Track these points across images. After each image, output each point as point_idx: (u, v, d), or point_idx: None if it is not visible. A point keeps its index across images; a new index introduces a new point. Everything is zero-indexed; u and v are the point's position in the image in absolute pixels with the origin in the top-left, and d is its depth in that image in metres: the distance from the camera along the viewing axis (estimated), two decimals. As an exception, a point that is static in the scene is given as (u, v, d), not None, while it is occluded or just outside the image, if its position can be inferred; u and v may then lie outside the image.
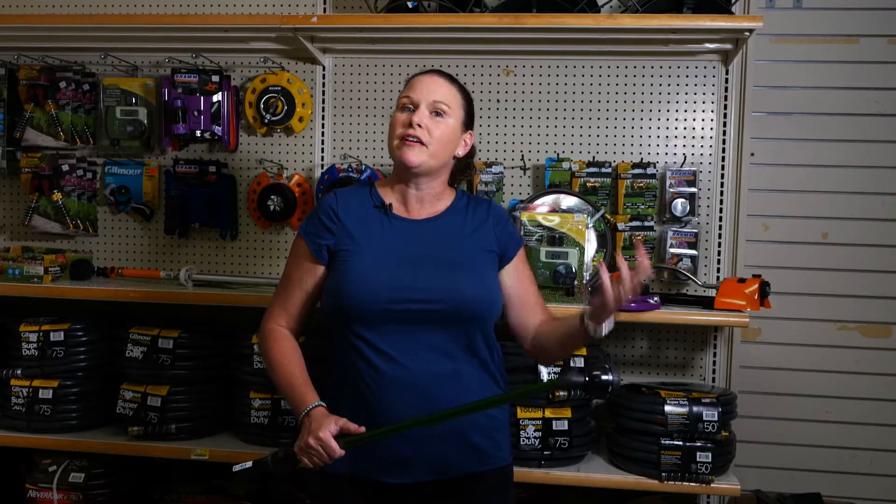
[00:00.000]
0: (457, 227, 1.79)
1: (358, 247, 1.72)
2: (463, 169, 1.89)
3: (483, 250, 1.79)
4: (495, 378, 1.79)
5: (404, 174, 1.77)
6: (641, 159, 2.70)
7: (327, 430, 1.60)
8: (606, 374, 1.51)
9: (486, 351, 1.77)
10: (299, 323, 1.82)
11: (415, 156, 1.72)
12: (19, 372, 2.58)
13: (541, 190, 2.67)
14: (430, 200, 1.80)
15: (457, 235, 1.78)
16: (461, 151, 1.83)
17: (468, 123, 1.84)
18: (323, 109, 2.84)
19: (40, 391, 2.55)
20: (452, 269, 1.73)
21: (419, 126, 1.72)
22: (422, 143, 1.72)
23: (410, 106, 1.75)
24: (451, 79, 1.81)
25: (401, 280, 1.68)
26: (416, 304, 1.68)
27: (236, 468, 1.72)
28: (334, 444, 1.60)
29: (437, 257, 1.73)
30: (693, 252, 2.61)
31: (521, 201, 2.62)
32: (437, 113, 1.74)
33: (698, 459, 2.29)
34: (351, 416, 1.65)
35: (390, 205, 1.78)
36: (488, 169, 2.67)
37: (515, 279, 1.84)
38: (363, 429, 1.62)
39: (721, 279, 2.59)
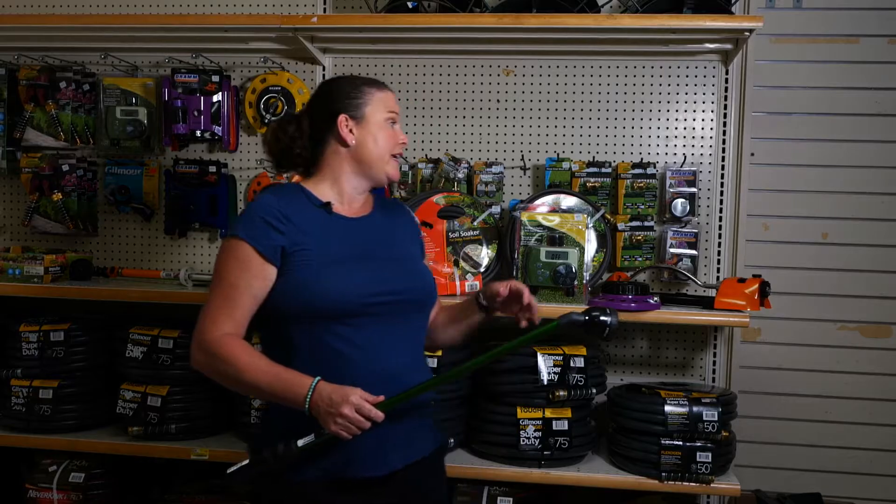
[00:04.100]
0: (388, 223, 1.87)
1: (318, 245, 1.71)
2: None
3: (413, 244, 1.92)
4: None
5: (367, 183, 1.83)
6: (641, 159, 2.70)
7: (356, 395, 1.57)
8: (605, 315, 1.64)
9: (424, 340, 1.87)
10: (244, 330, 1.71)
11: (398, 170, 1.85)
12: (19, 372, 2.59)
13: (541, 190, 2.67)
14: (361, 199, 1.85)
15: (392, 231, 1.86)
16: None
17: None
18: (323, 109, 2.84)
19: (40, 391, 2.56)
20: (406, 261, 1.83)
21: None
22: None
23: (395, 121, 1.83)
24: None
25: (372, 274, 1.72)
26: (388, 297, 1.72)
27: (231, 469, 1.66)
28: (368, 405, 1.57)
29: (388, 251, 1.81)
30: (693, 252, 2.61)
31: (521, 201, 2.62)
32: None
33: (698, 459, 2.29)
34: None
35: (329, 203, 1.78)
36: (488, 169, 2.67)
37: None
38: (382, 397, 1.60)
39: (721, 279, 2.59)
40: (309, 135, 1.82)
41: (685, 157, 2.69)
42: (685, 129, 2.70)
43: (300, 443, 1.60)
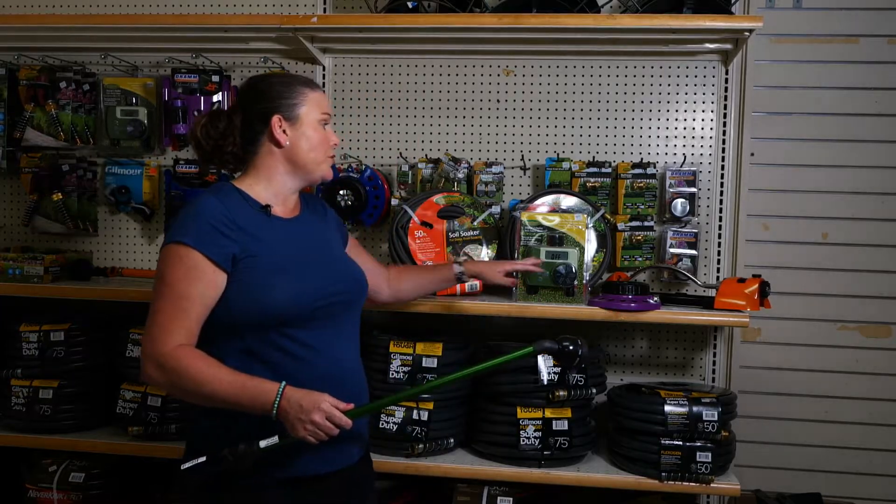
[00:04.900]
0: (318, 222, 1.89)
1: (265, 250, 1.69)
2: None
3: (340, 240, 1.95)
4: None
5: (300, 184, 1.82)
6: (641, 159, 2.70)
7: (326, 402, 1.57)
8: (575, 345, 1.76)
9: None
10: (195, 339, 1.65)
11: (331, 171, 1.85)
12: (19, 372, 2.59)
13: (541, 190, 2.67)
14: (294, 198, 1.85)
15: (324, 230, 1.89)
16: None
17: None
18: (323, 109, 2.84)
19: (40, 391, 2.56)
20: (340, 261, 1.87)
21: None
22: None
23: (327, 122, 1.82)
24: None
25: (319, 278, 1.73)
26: (335, 298, 1.74)
27: (186, 465, 1.61)
28: (339, 413, 1.57)
29: (325, 252, 1.83)
30: (693, 252, 2.61)
31: (521, 201, 2.62)
32: None
33: (698, 459, 2.29)
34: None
35: (269, 206, 1.76)
36: (488, 169, 2.67)
37: (356, 254, 1.98)
38: (351, 405, 1.62)
39: (721, 279, 2.58)
40: (241, 132, 1.78)
41: (685, 157, 2.69)
42: (685, 129, 2.70)
43: (262, 444, 1.59)
